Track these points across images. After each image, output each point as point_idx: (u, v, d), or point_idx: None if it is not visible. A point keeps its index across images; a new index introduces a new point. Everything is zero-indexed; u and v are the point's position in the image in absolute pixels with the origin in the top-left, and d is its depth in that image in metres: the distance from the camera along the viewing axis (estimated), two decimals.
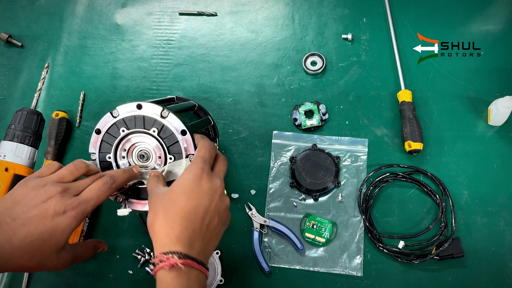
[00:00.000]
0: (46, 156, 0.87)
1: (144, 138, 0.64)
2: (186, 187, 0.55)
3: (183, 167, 0.62)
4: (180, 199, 0.54)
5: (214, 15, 0.97)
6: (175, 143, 0.63)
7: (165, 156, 0.63)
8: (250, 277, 0.81)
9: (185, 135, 0.62)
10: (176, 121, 0.62)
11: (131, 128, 0.63)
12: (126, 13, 0.99)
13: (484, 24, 0.93)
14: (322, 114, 0.87)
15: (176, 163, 0.63)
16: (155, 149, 0.64)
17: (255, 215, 0.83)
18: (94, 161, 0.65)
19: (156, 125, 0.62)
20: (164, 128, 0.62)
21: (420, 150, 0.83)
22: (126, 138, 0.64)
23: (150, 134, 0.63)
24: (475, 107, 0.87)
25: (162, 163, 0.64)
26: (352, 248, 0.81)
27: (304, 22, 0.95)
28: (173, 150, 0.63)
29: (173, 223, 0.52)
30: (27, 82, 0.95)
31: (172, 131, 0.62)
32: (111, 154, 0.64)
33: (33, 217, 0.50)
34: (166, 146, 0.63)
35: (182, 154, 0.63)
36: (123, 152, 0.64)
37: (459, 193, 0.82)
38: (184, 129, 0.62)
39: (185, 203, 0.54)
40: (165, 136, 0.63)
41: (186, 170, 0.57)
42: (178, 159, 0.63)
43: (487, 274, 0.78)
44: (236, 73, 0.93)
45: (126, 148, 0.64)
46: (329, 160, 0.84)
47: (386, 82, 0.90)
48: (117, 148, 0.64)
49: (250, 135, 0.89)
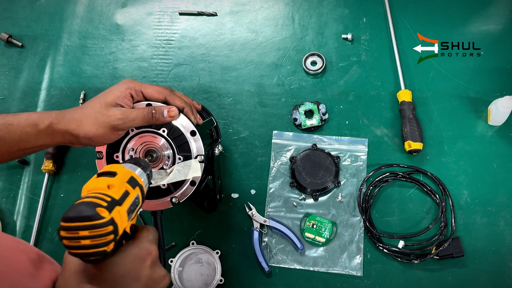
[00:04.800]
0: (46, 156, 0.87)
1: (153, 138, 0.64)
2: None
3: (191, 167, 0.63)
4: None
5: (214, 15, 0.97)
6: (184, 143, 0.63)
7: (173, 156, 0.63)
8: (250, 277, 0.81)
9: (195, 135, 0.63)
10: (186, 122, 0.63)
11: (140, 128, 0.63)
12: (126, 13, 0.99)
13: (484, 24, 0.93)
14: (322, 114, 0.87)
15: (184, 164, 0.63)
16: (164, 149, 0.64)
17: (255, 215, 0.83)
18: (101, 160, 0.65)
19: (166, 125, 0.63)
20: (174, 128, 0.63)
21: (420, 150, 0.83)
22: (135, 138, 0.64)
23: (159, 134, 0.63)
24: (475, 107, 0.87)
25: (171, 163, 0.64)
26: (352, 248, 0.81)
27: (304, 22, 0.95)
28: (182, 150, 0.63)
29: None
30: (27, 82, 0.95)
31: (182, 131, 0.62)
32: (119, 153, 0.65)
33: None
34: (176, 147, 0.63)
35: (191, 155, 0.63)
36: (131, 152, 0.64)
37: (459, 193, 0.82)
38: (193, 130, 0.63)
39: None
40: (175, 137, 0.63)
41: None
42: (186, 159, 0.63)
43: (487, 274, 0.78)
44: (236, 73, 0.93)
45: (134, 147, 0.64)
46: (329, 160, 0.84)
47: (386, 82, 0.90)
48: (125, 148, 0.64)
49: (250, 135, 0.89)
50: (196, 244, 0.82)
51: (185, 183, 0.64)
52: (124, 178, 0.48)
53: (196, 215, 0.85)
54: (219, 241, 0.83)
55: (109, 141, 0.61)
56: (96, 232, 0.40)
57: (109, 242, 0.41)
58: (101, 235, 0.40)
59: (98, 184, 0.45)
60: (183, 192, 0.65)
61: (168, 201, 0.65)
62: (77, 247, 0.40)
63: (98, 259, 0.41)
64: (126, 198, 0.45)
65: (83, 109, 0.59)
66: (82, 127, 0.58)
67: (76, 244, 0.40)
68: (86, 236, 0.39)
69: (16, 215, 0.87)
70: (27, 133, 0.58)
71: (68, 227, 0.39)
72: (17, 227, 0.86)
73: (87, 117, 0.58)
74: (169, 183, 0.64)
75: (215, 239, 0.84)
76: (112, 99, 0.59)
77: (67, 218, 0.39)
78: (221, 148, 0.78)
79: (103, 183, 0.45)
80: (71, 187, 0.88)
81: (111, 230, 0.41)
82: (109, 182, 0.45)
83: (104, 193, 0.43)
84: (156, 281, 0.49)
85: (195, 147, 0.63)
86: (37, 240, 0.85)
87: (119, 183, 0.46)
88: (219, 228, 0.84)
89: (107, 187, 0.45)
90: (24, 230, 0.86)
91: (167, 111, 0.61)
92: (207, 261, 0.81)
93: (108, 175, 0.46)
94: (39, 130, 0.58)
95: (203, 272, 0.81)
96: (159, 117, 0.61)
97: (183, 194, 0.65)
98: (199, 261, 0.82)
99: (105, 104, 0.59)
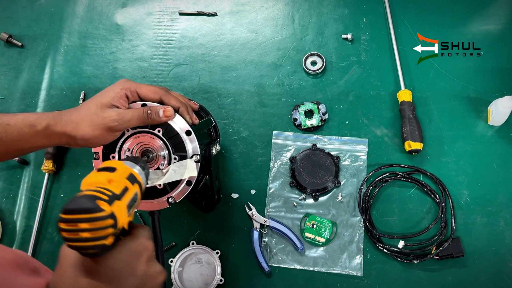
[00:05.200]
0: (46, 156, 0.87)
1: (149, 138, 0.64)
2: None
3: (187, 167, 0.63)
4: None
5: (214, 15, 0.97)
6: (179, 143, 0.63)
7: (169, 156, 0.63)
8: (250, 277, 0.81)
9: (190, 135, 0.63)
10: (181, 122, 0.63)
11: (135, 128, 0.63)
12: (126, 13, 0.99)
13: (484, 24, 0.93)
14: (322, 114, 0.87)
15: (180, 163, 0.63)
16: (159, 149, 0.64)
17: (255, 215, 0.83)
18: (97, 160, 0.65)
19: (161, 125, 0.63)
20: (169, 128, 0.63)
21: (420, 150, 0.83)
22: (131, 138, 0.64)
23: (154, 134, 0.63)
24: (475, 107, 0.87)
25: (166, 163, 0.64)
26: (352, 248, 0.81)
27: (304, 22, 0.95)
28: (178, 150, 0.63)
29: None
30: (27, 82, 0.95)
31: (177, 131, 0.62)
32: (115, 153, 0.64)
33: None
34: (171, 146, 0.63)
35: (186, 155, 0.63)
36: (127, 152, 0.64)
37: (459, 193, 0.82)
38: (189, 130, 0.63)
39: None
40: (170, 137, 0.63)
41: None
42: (182, 159, 0.63)
43: (487, 274, 0.78)
44: (236, 73, 0.93)
45: (130, 148, 0.64)
46: (329, 160, 0.84)
47: (386, 82, 0.90)
48: (121, 148, 0.64)
49: (250, 135, 0.89)
50: (196, 244, 0.82)
51: (181, 183, 0.64)
52: (123, 174, 0.48)
53: (196, 215, 0.85)
54: (219, 241, 0.83)
55: (105, 142, 0.61)
56: (96, 225, 0.40)
57: (108, 236, 0.41)
58: (100, 228, 0.40)
59: (99, 178, 0.45)
60: (179, 192, 0.65)
61: (165, 201, 0.65)
62: (76, 240, 0.40)
63: (97, 252, 0.42)
64: (125, 194, 0.46)
65: (80, 110, 0.59)
66: (78, 129, 0.58)
67: (75, 236, 0.40)
68: (86, 229, 0.39)
69: (16, 215, 0.87)
70: (24, 133, 0.58)
71: (68, 219, 0.39)
72: (17, 227, 0.86)
73: (83, 118, 0.58)
74: (165, 183, 0.64)
75: (215, 239, 0.84)
76: (107, 100, 0.59)
77: (67, 210, 0.39)
78: (219, 148, 0.78)
79: (104, 178, 0.45)
80: (71, 187, 0.88)
81: (111, 223, 0.41)
82: (109, 177, 0.46)
83: (105, 187, 0.43)
84: (152, 277, 0.49)
85: (190, 147, 0.63)
86: (37, 240, 0.85)
87: (119, 178, 0.46)
88: (219, 228, 0.84)
89: (108, 181, 0.45)
90: (24, 230, 0.86)
91: (163, 111, 0.61)
92: (207, 261, 0.81)
93: (108, 170, 0.47)
94: (36, 131, 0.58)
95: (203, 272, 0.81)
96: (155, 117, 0.61)
97: (179, 194, 0.65)
98: (199, 261, 0.82)
99: (100, 106, 0.59)
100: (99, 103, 0.59)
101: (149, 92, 0.63)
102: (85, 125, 0.58)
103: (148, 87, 0.63)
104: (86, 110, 0.59)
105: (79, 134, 0.58)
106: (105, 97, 0.60)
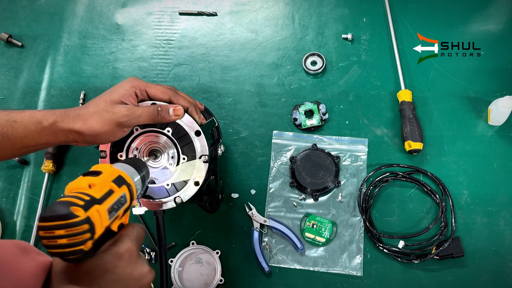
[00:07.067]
0: (46, 156, 0.87)
1: (157, 137, 0.64)
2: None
3: (196, 167, 0.63)
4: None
5: (214, 15, 0.97)
6: (189, 143, 0.63)
7: (178, 156, 0.63)
8: (250, 277, 0.81)
9: (199, 135, 0.63)
10: (190, 122, 0.63)
11: (145, 127, 0.63)
12: (126, 13, 0.99)
13: (484, 24, 0.93)
14: (322, 114, 0.87)
15: (189, 163, 0.63)
16: (168, 149, 0.64)
17: (255, 215, 0.83)
18: (104, 159, 0.65)
19: (171, 125, 0.63)
20: (179, 128, 0.63)
21: (420, 150, 0.83)
22: (139, 137, 0.64)
23: (163, 134, 0.63)
24: (475, 107, 0.87)
25: (175, 163, 0.64)
26: (352, 248, 0.81)
27: (304, 22, 0.95)
28: (187, 150, 0.63)
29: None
30: (27, 82, 0.95)
31: (187, 131, 0.63)
32: (123, 152, 0.65)
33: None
34: (180, 146, 0.63)
35: (195, 155, 0.63)
36: (135, 151, 0.65)
37: (459, 193, 0.82)
38: (198, 130, 0.63)
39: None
40: (179, 136, 0.63)
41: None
42: (191, 159, 0.63)
43: (487, 274, 0.78)
44: (236, 73, 0.93)
45: (138, 147, 0.64)
46: (329, 160, 0.84)
47: (386, 82, 0.90)
48: (129, 147, 0.64)
49: (250, 135, 0.89)
50: (196, 244, 0.82)
51: (188, 183, 0.64)
52: (109, 177, 0.47)
53: (196, 215, 0.85)
54: (219, 241, 0.83)
55: (114, 138, 0.61)
56: (71, 231, 0.40)
57: (86, 241, 0.41)
58: (76, 233, 0.40)
59: (79, 183, 0.45)
60: (186, 192, 0.65)
61: (172, 201, 0.65)
62: (55, 247, 0.40)
63: (78, 257, 0.41)
64: (108, 197, 0.45)
65: (88, 107, 0.59)
66: (87, 125, 0.58)
67: (54, 243, 0.40)
68: (62, 235, 0.39)
69: (16, 215, 0.87)
70: (30, 130, 0.58)
71: (45, 226, 0.39)
72: (17, 227, 0.86)
73: (92, 114, 0.58)
74: (173, 183, 0.64)
75: (215, 239, 0.84)
76: (117, 97, 0.60)
77: (43, 218, 0.39)
78: (223, 148, 0.78)
79: (85, 183, 0.45)
80: None
81: (86, 228, 0.41)
82: (90, 181, 0.45)
83: (84, 192, 0.43)
84: (137, 279, 0.48)
85: (199, 147, 0.63)
86: (37, 240, 0.85)
87: (102, 182, 0.46)
88: (219, 228, 0.84)
89: (88, 186, 0.45)
90: (24, 230, 0.86)
91: (173, 110, 0.61)
92: (207, 261, 0.81)
93: (92, 175, 0.46)
94: (43, 128, 0.58)
95: (203, 272, 0.81)
96: (165, 115, 0.61)
97: (186, 194, 0.65)
98: (199, 261, 0.82)
99: (110, 102, 0.59)
100: (108, 99, 0.59)
101: (158, 92, 0.63)
102: (94, 120, 0.58)
103: (157, 86, 0.63)
104: (95, 107, 0.59)
105: (87, 130, 0.58)
106: (115, 93, 0.60)
